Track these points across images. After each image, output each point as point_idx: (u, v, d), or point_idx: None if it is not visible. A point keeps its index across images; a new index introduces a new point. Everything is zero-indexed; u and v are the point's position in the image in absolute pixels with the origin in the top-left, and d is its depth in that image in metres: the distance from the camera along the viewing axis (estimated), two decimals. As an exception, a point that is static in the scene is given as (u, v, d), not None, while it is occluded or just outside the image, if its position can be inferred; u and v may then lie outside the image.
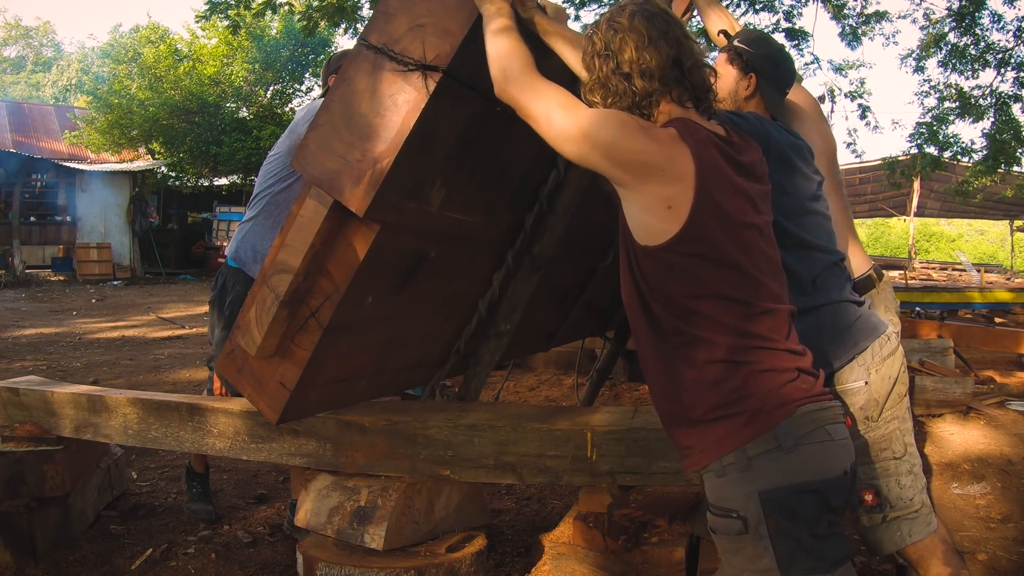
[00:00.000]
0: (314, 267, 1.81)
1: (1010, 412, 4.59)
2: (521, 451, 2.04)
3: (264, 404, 2.00)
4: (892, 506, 1.80)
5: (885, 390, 1.80)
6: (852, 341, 1.79)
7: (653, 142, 1.35)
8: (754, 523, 1.31)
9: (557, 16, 1.85)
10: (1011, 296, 8.93)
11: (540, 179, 2.38)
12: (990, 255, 35.59)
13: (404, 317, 2.19)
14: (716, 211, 1.36)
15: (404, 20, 1.66)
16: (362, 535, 2.05)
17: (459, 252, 2.23)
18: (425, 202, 1.87)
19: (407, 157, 1.67)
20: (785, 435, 1.31)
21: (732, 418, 1.33)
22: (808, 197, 1.84)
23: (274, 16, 16.00)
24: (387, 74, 1.66)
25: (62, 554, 2.58)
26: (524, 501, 3.27)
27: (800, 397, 1.34)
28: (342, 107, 1.70)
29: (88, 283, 15.82)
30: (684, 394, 1.37)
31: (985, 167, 11.58)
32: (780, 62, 2.03)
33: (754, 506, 1.31)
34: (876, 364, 1.79)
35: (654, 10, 1.43)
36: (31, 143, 20.02)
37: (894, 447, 1.81)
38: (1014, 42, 10.06)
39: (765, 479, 1.31)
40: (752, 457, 1.31)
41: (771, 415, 1.32)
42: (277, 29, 18.19)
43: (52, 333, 8.45)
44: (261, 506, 3.18)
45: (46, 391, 2.62)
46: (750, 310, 1.37)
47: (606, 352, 4.32)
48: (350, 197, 1.67)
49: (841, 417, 1.41)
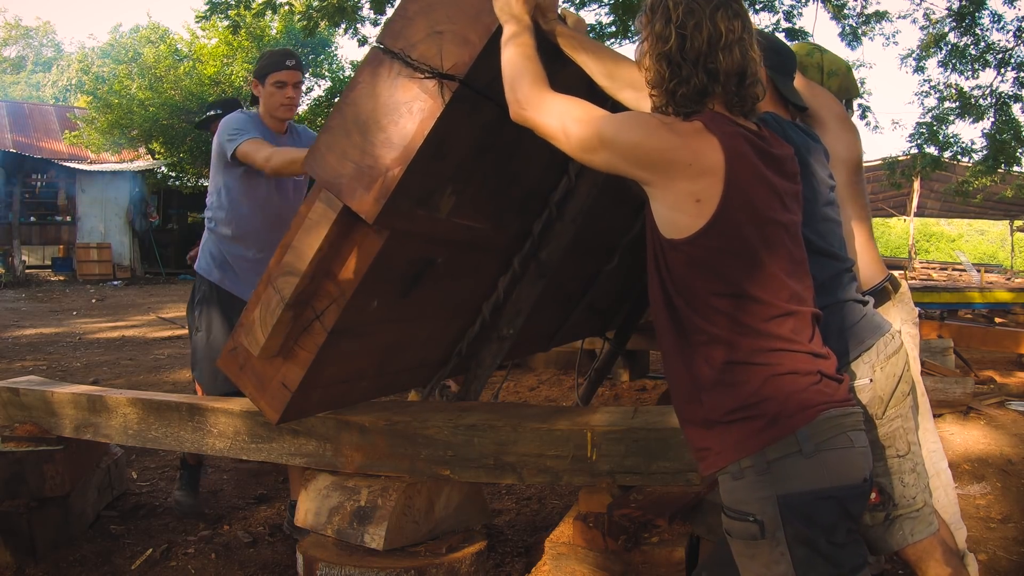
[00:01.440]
0: (320, 270, 1.79)
1: (1010, 412, 4.59)
2: (521, 451, 2.04)
3: (265, 404, 2.00)
4: (895, 504, 1.80)
5: (889, 388, 1.80)
6: (858, 339, 1.78)
7: (678, 137, 1.32)
8: (771, 528, 1.29)
9: (577, 27, 1.82)
10: (1011, 296, 8.92)
11: (550, 185, 2.37)
12: (990, 255, 35.60)
13: (408, 320, 2.19)
14: (745, 205, 1.33)
15: (422, 26, 1.63)
16: (362, 535, 2.05)
17: (466, 257, 2.23)
18: (435, 209, 1.86)
19: (419, 165, 1.65)
20: (806, 440, 1.29)
21: (751, 420, 1.31)
22: (824, 202, 1.83)
23: (274, 16, 15.96)
24: (403, 80, 1.63)
25: (62, 554, 2.58)
26: (524, 501, 3.27)
27: (822, 402, 1.32)
28: (355, 110, 1.67)
29: (88, 283, 15.83)
30: (703, 394, 1.35)
31: (985, 167, 11.60)
32: (780, 49, 2.02)
33: (772, 510, 1.29)
34: (881, 362, 1.79)
35: (738, 9, 1.36)
36: (31, 143, 20.03)
37: (898, 445, 1.81)
38: (1014, 42, 10.06)
39: (784, 484, 1.29)
40: (771, 461, 1.29)
41: (792, 419, 1.30)
42: (277, 29, 18.18)
43: (52, 333, 8.45)
44: (261, 506, 3.18)
45: (46, 391, 2.62)
46: (772, 310, 1.34)
47: (605, 352, 4.32)
48: (360, 203, 1.65)
49: (862, 424, 1.39)
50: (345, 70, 20.48)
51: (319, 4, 8.65)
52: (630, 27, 10.52)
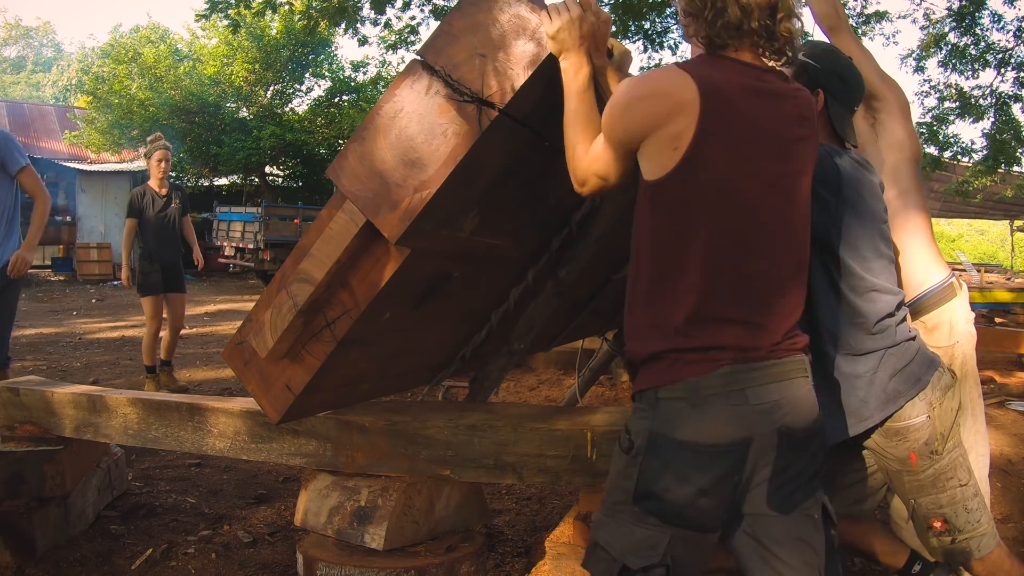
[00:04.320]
0: (336, 280, 1.77)
1: (1010, 412, 4.60)
2: (521, 451, 2.04)
3: (267, 403, 1.99)
4: (960, 530, 1.81)
5: (948, 423, 1.81)
6: (915, 377, 1.79)
7: (652, 99, 1.35)
8: (635, 452, 1.40)
9: (623, 61, 1.78)
10: (1011, 296, 8.92)
11: (574, 204, 2.33)
12: (990, 255, 35.60)
13: (418, 329, 2.18)
14: (721, 149, 1.34)
15: (466, 46, 1.57)
16: (362, 535, 2.05)
17: (481, 270, 2.21)
18: (458, 229, 1.83)
19: (449, 190, 1.60)
20: (693, 391, 1.35)
21: (661, 360, 1.38)
22: (881, 238, 1.83)
23: (274, 16, 15.99)
24: (441, 100, 1.57)
25: (62, 554, 2.58)
26: (524, 501, 3.27)
27: (729, 358, 1.35)
28: (388, 124, 1.61)
29: (88, 283, 15.83)
30: (640, 332, 1.43)
31: (985, 167, 11.61)
32: (848, 77, 1.94)
33: (642, 440, 1.39)
34: (938, 398, 1.79)
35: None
36: (31, 143, 20.02)
37: (959, 475, 1.81)
38: (1014, 42, 10.06)
39: (660, 424, 1.37)
40: (660, 399, 1.38)
41: (689, 367, 1.35)
42: (277, 29, 18.19)
43: (52, 333, 8.45)
44: (261, 506, 3.18)
45: (46, 391, 2.62)
46: (729, 265, 1.36)
47: (603, 352, 4.32)
48: (384, 222, 1.61)
49: (784, 378, 1.39)
50: (345, 70, 20.50)
51: (319, 4, 8.66)
52: (631, 27, 10.52)
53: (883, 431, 1.81)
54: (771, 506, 1.41)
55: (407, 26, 10.65)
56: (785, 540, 1.42)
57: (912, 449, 1.79)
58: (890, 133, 2.10)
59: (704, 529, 1.39)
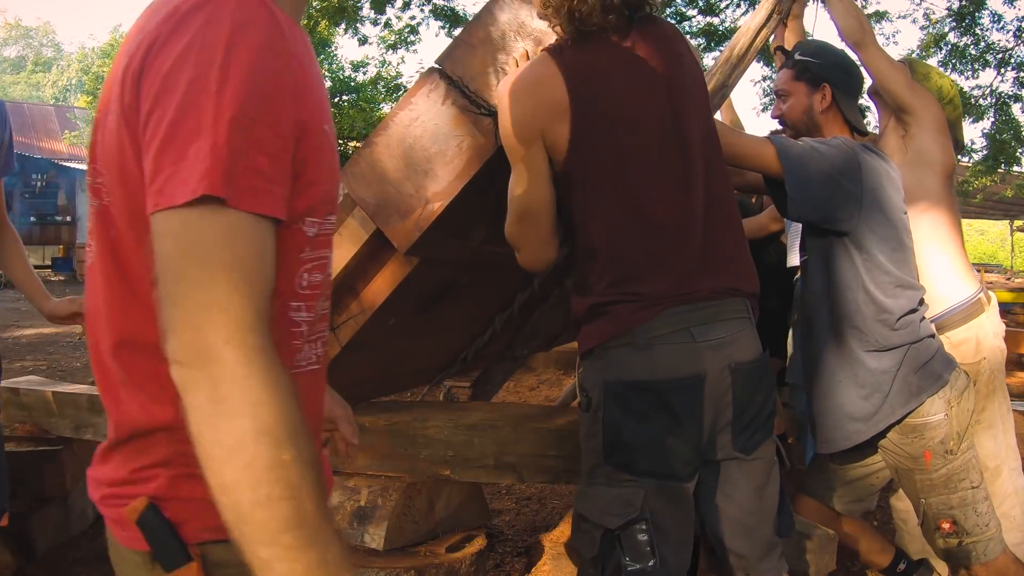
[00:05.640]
0: (343, 286, 1.76)
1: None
2: (521, 451, 2.04)
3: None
4: (968, 533, 1.81)
5: (965, 423, 1.81)
6: (935, 374, 1.80)
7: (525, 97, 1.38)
8: (595, 407, 1.40)
9: None
10: (1011, 296, 8.93)
11: None
12: (990, 255, 35.60)
13: (421, 333, 2.18)
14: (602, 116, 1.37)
15: (484, 58, 1.56)
16: (362, 535, 2.05)
17: (488, 278, 2.20)
18: (467, 239, 1.83)
19: (461, 203, 1.59)
20: (640, 335, 1.36)
21: (602, 315, 1.40)
22: (904, 230, 1.84)
23: (274, 16, 15.98)
24: (457, 111, 1.56)
25: (62, 554, 2.58)
26: (524, 501, 3.27)
27: (668, 302, 1.36)
28: (402, 131, 1.59)
29: (88, 283, 15.82)
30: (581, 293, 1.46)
31: (985, 167, 11.59)
32: (849, 68, 1.96)
33: (598, 393, 1.40)
34: (955, 397, 1.80)
35: None
36: (31, 143, 20.04)
37: (972, 477, 1.82)
38: (1014, 42, 10.06)
39: (611, 371, 1.38)
40: (608, 349, 1.39)
41: (631, 317, 1.37)
42: (277, 29, 18.18)
43: (52, 333, 8.45)
44: (261, 506, 3.18)
45: (46, 391, 2.62)
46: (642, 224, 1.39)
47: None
48: (394, 231, 1.59)
49: (727, 317, 1.40)
50: (345, 70, 20.48)
51: (319, 4, 8.66)
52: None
53: (900, 427, 1.81)
54: (735, 447, 1.42)
55: (407, 26, 10.66)
56: (743, 483, 1.43)
57: (927, 447, 1.79)
58: (921, 146, 2.09)
59: (678, 477, 1.38)
